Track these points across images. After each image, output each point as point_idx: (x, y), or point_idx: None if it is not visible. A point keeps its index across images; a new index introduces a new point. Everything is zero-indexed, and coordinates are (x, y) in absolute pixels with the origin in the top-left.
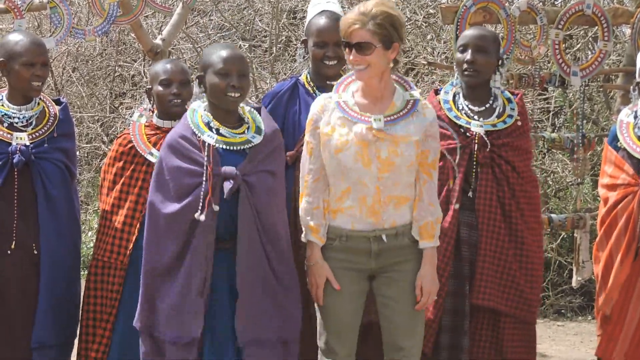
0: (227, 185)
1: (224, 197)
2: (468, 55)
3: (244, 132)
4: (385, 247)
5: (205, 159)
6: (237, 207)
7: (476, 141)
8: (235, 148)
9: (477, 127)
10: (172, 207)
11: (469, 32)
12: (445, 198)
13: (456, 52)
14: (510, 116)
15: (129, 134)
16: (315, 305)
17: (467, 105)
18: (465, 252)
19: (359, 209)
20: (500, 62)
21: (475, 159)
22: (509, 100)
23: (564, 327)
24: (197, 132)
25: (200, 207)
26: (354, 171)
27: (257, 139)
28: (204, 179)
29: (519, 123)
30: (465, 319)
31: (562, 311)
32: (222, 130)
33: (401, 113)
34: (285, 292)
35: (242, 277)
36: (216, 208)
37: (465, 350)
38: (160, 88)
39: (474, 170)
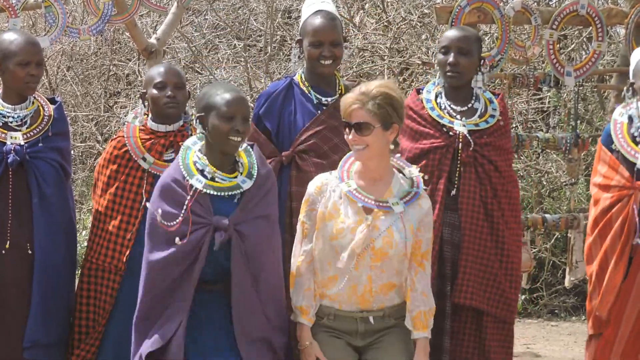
0: (218, 237)
1: (214, 248)
2: (450, 57)
3: (235, 177)
4: (371, 329)
5: (188, 199)
6: (223, 254)
7: (460, 140)
8: (224, 194)
9: (460, 127)
10: (158, 255)
11: (451, 34)
12: (430, 197)
13: (438, 53)
14: (492, 116)
15: (123, 137)
16: None
17: (450, 105)
18: (447, 253)
19: (347, 296)
20: (482, 62)
21: (458, 158)
22: (490, 101)
23: (558, 327)
24: (186, 176)
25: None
26: (347, 258)
27: (247, 184)
28: (183, 221)
29: (501, 123)
30: (446, 319)
31: (556, 311)
32: (216, 176)
33: (410, 196)
34: (273, 328)
35: (238, 326)
36: (178, 241)
37: (447, 350)
38: (155, 91)
39: (458, 169)
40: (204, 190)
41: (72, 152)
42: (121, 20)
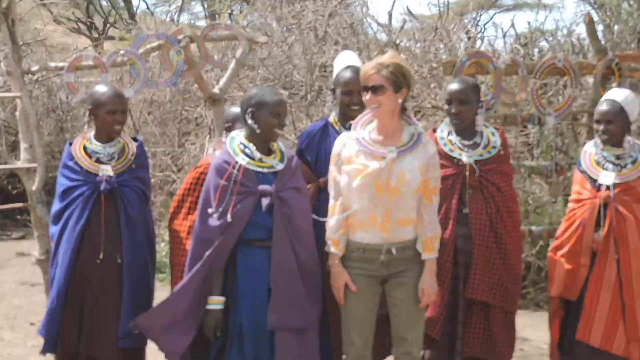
0: (265, 201)
1: (263, 209)
2: (453, 108)
3: (271, 159)
4: (394, 258)
5: (235, 175)
6: (269, 217)
7: (467, 169)
8: (262, 170)
9: (467, 158)
10: (211, 222)
11: (452, 87)
12: (445, 215)
13: (444, 104)
14: (494, 147)
15: (209, 164)
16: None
17: (459, 140)
18: (461, 259)
19: (370, 226)
20: (480, 104)
21: (467, 183)
22: (493, 134)
23: (542, 317)
24: (233, 155)
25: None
26: (367, 195)
27: (280, 166)
28: (230, 193)
29: (502, 152)
30: (459, 311)
31: (540, 304)
32: (256, 154)
33: (409, 144)
34: (308, 284)
35: (275, 272)
36: (229, 218)
37: (460, 337)
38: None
39: (467, 192)
40: (247, 166)
41: (151, 180)
42: (190, 74)
